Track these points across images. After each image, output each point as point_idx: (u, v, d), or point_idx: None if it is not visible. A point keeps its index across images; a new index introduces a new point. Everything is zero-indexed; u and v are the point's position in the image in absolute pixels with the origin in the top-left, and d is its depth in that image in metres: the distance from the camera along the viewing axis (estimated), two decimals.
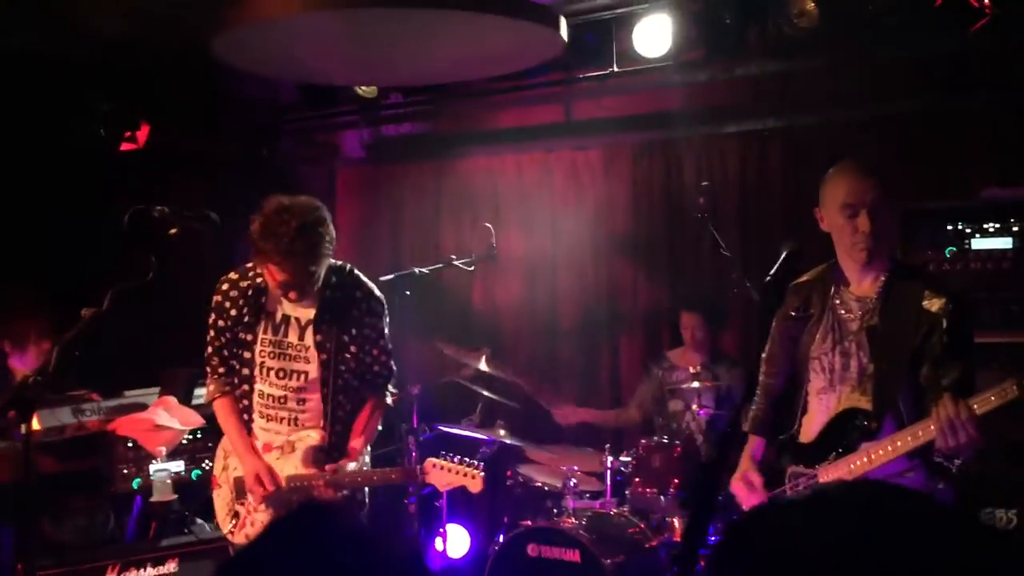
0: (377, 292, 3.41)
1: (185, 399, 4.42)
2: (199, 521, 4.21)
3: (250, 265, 3.32)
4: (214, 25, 3.72)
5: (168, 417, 4.20)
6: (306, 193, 3.26)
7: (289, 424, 3.34)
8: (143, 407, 4.25)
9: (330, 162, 6.62)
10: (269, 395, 3.34)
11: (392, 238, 6.38)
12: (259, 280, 3.29)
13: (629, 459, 4.44)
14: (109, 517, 4.14)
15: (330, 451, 3.32)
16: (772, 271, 2.36)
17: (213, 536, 4.02)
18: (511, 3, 3.81)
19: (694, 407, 4.54)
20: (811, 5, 4.35)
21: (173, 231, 2.95)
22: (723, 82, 5.24)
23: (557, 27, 3.97)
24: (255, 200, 3.16)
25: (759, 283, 2.82)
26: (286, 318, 3.31)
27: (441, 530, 4.74)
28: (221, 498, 3.44)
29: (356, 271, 3.43)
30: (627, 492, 4.40)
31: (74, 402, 4.12)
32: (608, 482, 4.48)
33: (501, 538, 4.37)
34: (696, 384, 4.50)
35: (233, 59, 4.20)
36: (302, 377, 3.31)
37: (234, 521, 3.37)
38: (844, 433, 2.65)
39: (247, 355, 3.34)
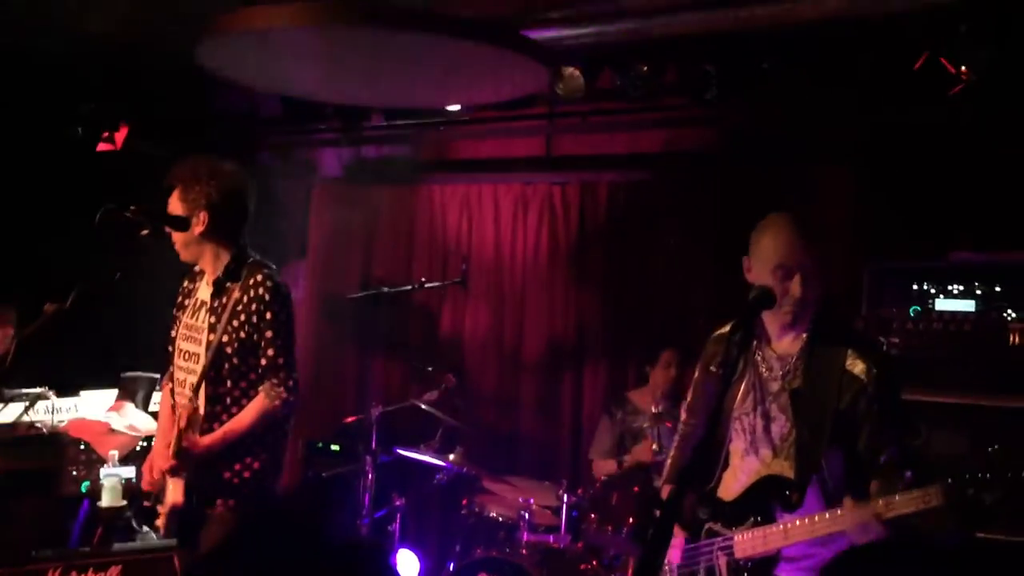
0: (275, 281, 3.30)
1: (143, 405, 4.37)
2: (146, 529, 4.13)
3: None
4: (199, 33, 3.72)
5: (123, 422, 4.16)
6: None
7: (187, 407, 3.30)
8: (99, 410, 4.19)
9: (308, 178, 6.60)
10: (178, 379, 3.39)
11: (364, 258, 6.36)
12: (197, 269, 3.44)
13: (586, 495, 4.43)
14: (56, 519, 4.06)
15: (199, 428, 3.24)
16: (739, 319, 2.34)
17: (160, 545, 3.94)
18: (498, 32, 3.85)
19: (654, 448, 4.54)
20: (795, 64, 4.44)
21: (145, 232, 2.92)
22: (703, 127, 5.32)
23: (543, 60, 4.02)
24: None
25: (728, 327, 2.77)
26: (201, 303, 3.39)
27: (392, 554, 4.69)
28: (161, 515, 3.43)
29: (263, 261, 3.38)
30: (582, 528, 4.39)
31: (27, 399, 4.05)
32: (564, 517, 4.46)
33: (452, 566, 4.34)
34: (656, 425, 4.50)
35: (216, 68, 4.20)
36: (195, 358, 3.33)
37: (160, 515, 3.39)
38: (763, 500, 2.56)
39: (174, 338, 3.44)
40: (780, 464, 2.59)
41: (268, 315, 3.25)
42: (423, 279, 5.13)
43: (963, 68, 3.75)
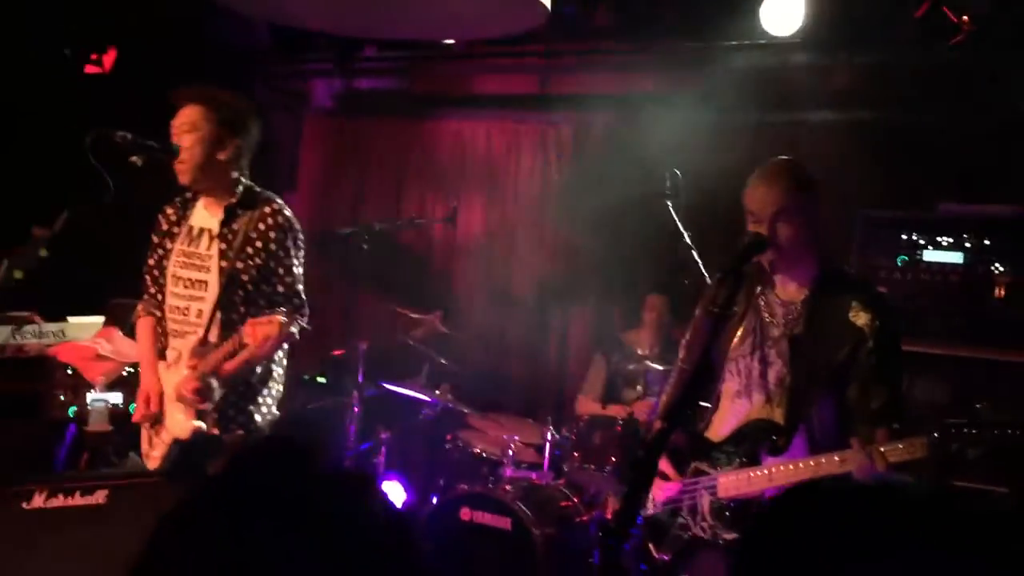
0: (288, 212, 3.29)
1: (130, 332, 4.36)
2: (132, 455, 4.15)
3: None
4: None
5: (111, 348, 4.16)
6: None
7: (188, 337, 3.23)
8: (86, 335, 4.18)
9: (299, 110, 6.53)
10: (175, 307, 3.28)
11: (355, 193, 6.32)
12: (188, 195, 3.35)
13: (569, 434, 4.48)
14: (42, 443, 4.08)
15: (201, 354, 3.16)
16: (732, 259, 2.35)
17: (145, 470, 3.98)
18: None
19: (639, 389, 4.58)
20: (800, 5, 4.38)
21: (134, 158, 2.89)
22: (700, 70, 5.27)
23: None
24: None
25: (717, 271, 2.77)
26: (201, 230, 3.30)
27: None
28: (144, 426, 3.39)
29: (271, 194, 3.35)
30: (564, 466, 4.44)
31: (15, 323, 4.04)
32: (547, 454, 4.52)
33: (435, 499, 4.40)
34: (648, 366, 4.54)
35: None
36: (203, 286, 3.24)
37: (148, 446, 3.33)
38: (751, 443, 2.59)
39: (164, 265, 3.33)
40: (771, 410, 2.60)
41: (287, 243, 3.25)
42: (413, 216, 5.11)
43: (964, 18, 3.70)
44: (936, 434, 2.26)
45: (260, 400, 3.29)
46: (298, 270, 3.31)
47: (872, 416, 2.48)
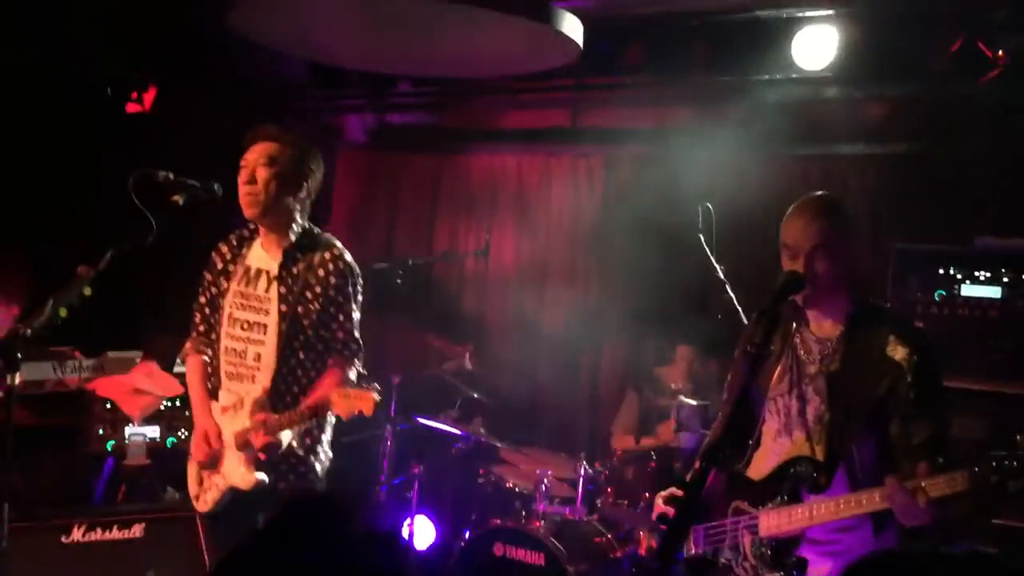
0: (348, 257, 3.27)
1: (167, 366, 4.41)
2: (169, 489, 4.20)
3: (251, 224, 3.33)
4: None
5: (148, 382, 4.20)
6: None
7: (247, 381, 3.19)
8: (125, 370, 4.24)
9: (332, 144, 6.61)
10: (232, 349, 3.23)
11: (387, 226, 6.38)
12: (245, 232, 3.33)
13: (603, 469, 4.46)
14: (81, 476, 4.13)
15: (275, 404, 3.13)
16: (770, 300, 2.34)
17: (182, 505, 4.01)
18: (532, 4, 3.82)
19: (672, 427, 4.54)
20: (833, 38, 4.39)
21: (176, 197, 2.94)
22: (729, 104, 5.29)
23: (575, 32, 3.99)
24: None
25: (752, 309, 2.76)
26: (259, 271, 3.25)
27: (409, 520, 4.75)
28: (193, 465, 3.34)
29: (331, 237, 3.34)
30: (598, 501, 4.42)
31: (56, 357, 4.10)
32: (580, 489, 4.50)
33: (468, 534, 4.39)
34: (678, 402, 4.51)
35: (247, 30, 4.20)
36: (262, 330, 3.19)
37: (199, 488, 3.28)
38: (791, 480, 2.56)
39: (219, 304, 3.28)
40: (811, 447, 2.58)
41: (348, 288, 3.23)
42: (446, 249, 5.14)
43: (1000, 53, 3.70)
44: (976, 468, 2.23)
45: (319, 449, 3.27)
46: (356, 315, 3.28)
47: (914, 451, 2.44)
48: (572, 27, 3.85)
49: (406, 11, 3.82)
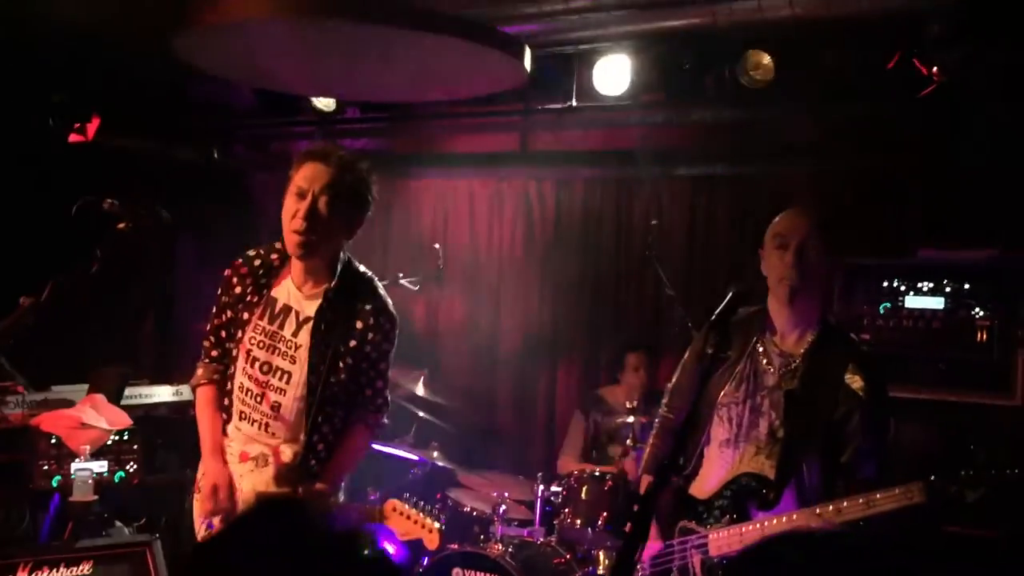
0: (391, 309, 2.95)
1: (115, 398, 4.33)
2: (118, 524, 4.10)
3: (276, 245, 2.99)
4: (175, 24, 3.69)
5: (95, 416, 4.11)
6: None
7: (260, 428, 2.92)
8: (70, 404, 4.15)
9: (283, 171, 6.56)
10: (248, 389, 2.92)
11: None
12: (273, 257, 2.98)
13: (559, 489, 4.45)
14: (25, 514, 4.02)
15: (304, 471, 2.87)
16: (718, 311, 2.36)
17: (131, 540, 3.92)
18: (477, 29, 3.85)
19: (628, 443, 4.56)
20: (767, 59, 4.48)
21: (122, 225, 2.89)
22: (677, 125, 5.36)
23: (521, 57, 4.02)
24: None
25: (702, 322, 2.78)
26: (287, 308, 2.90)
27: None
28: (200, 503, 3.06)
29: (376, 282, 3.01)
30: (555, 522, 4.41)
31: None
32: (537, 511, 4.48)
33: (426, 560, 4.35)
34: (632, 420, 4.53)
35: (193, 59, 4.17)
36: (285, 378, 2.88)
37: (207, 530, 3.02)
38: (739, 498, 2.57)
39: (239, 336, 2.93)
40: (760, 462, 2.59)
41: (386, 346, 2.94)
42: (399, 274, 5.12)
43: (935, 69, 3.79)
44: (933, 478, 2.27)
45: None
46: (389, 371, 3.01)
47: (856, 484, 2.48)
48: (520, 52, 3.88)
49: (351, 37, 3.82)
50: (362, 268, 3.01)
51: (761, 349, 2.68)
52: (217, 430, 2.99)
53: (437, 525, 2.81)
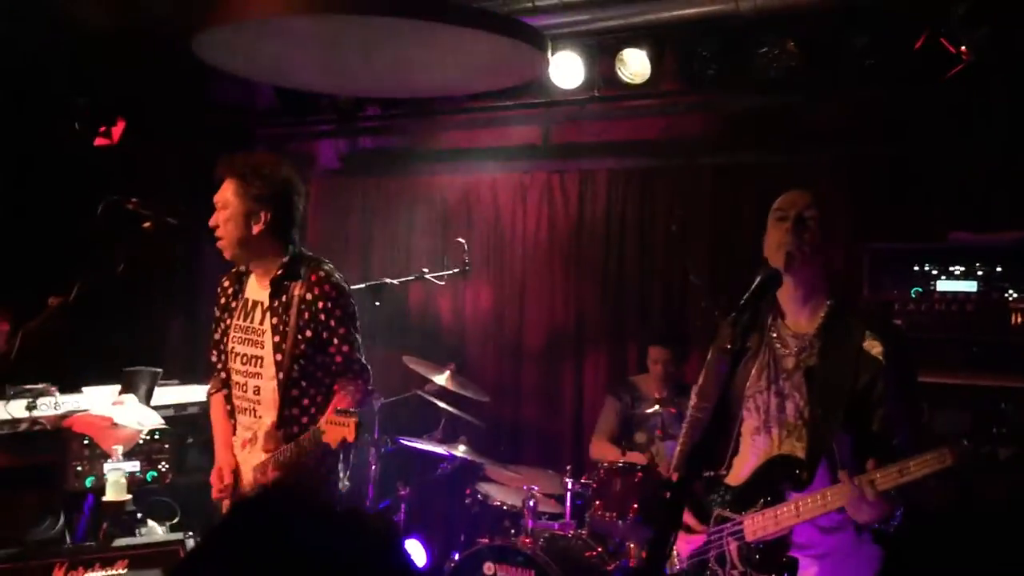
0: (335, 277, 3.18)
1: (145, 399, 4.36)
2: (151, 523, 4.14)
3: None
4: (195, 24, 3.71)
5: (126, 416, 4.14)
6: None
7: (250, 415, 3.22)
8: (102, 405, 4.18)
9: (305, 171, 6.59)
10: (237, 383, 3.25)
11: (363, 249, 6.36)
12: (242, 268, 3.30)
13: (590, 482, 4.43)
14: (60, 514, 4.06)
15: (287, 437, 3.13)
16: (747, 295, 2.33)
17: (164, 539, 3.95)
18: (495, 19, 3.84)
19: (658, 435, 4.53)
20: (791, 45, 4.43)
21: (147, 224, 2.91)
22: (701, 114, 5.33)
23: (541, 46, 4.01)
24: None
25: (730, 309, 2.75)
26: (254, 303, 3.23)
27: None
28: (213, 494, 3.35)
29: (321, 261, 3.25)
30: (586, 515, 4.39)
31: (31, 395, 4.04)
32: (568, 504, 4.47)
33: (457, 555, 4.34)
34: (661, 411, 4.50)
35: (213, 59, 4.19)
36: (258, 363, 3.19)
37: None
38: (773, 480, 2.54)
39: (225, 341, 3.28)
40: (791, 444, 2.57)
41: (337, 311, 3.14)
42: (424, 269, 5.12)
43: (963, 48, 3.73)
44: (966, 441, 2.22)
45: (334, 476, 3.24)
46: (354, 335, 3.20)
47: (892, 452, 2.41)
48: (535, 40, 3.86)
49: (370, 32, 3.82)
50: (308, 254, 3.27)
51: (775, 335, 2.67)
52: (226, 431, 3.32)
53: (354, 419, 2.93)
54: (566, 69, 4.92)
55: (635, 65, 4.84)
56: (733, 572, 2.58)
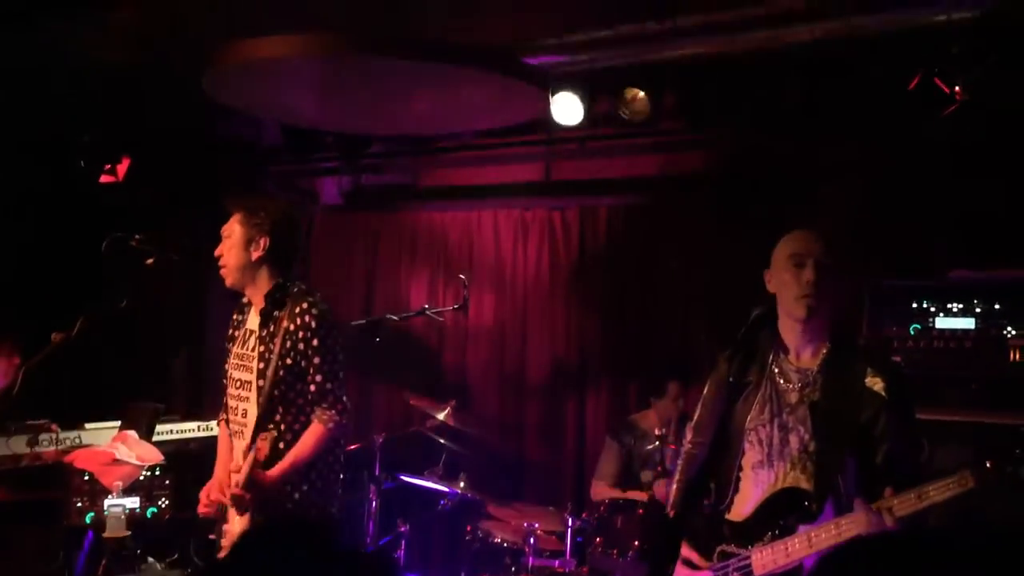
0: (319, 308, 3.35)
1: (146, 435, 4.36)
2: (150, 559, 4.13)
3: None
4: (201, 62, 3.77)
5: (127, 452, 4.15)
6: None
7: (240, 437, 3.40)
8: (103, 441, 4.19)
9: (309, 207, 6.64)
10: (232, 407, 3.46)
11: (365, 285, 6.38)
12: (244, 298, 3.51)
13: (591, 519, 4.42)
14: (60, 550, 4.05)
15: (268, 461, 3.24)
16: (742, 332, 2.35)
17: (163, 575, 3.95)
18: (496, 58, 3.89)
19: (658, 471, 4.52)
20: (791, 84, 4.48)
21: (150, 261, 2.94)
22: (701, 152, 5.37)
23: (542, 85, 4.06)
24: None
25: (727, 343, 2.77)
26: (250, 332, 3.45)
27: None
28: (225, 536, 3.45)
29: (305, 288, 3.44)
30: (588, 552, 4.37)
31: (32, 431, 4.06)
32: (568, 541, 4.45)
33: None
34: (661, 447, 4.50)
35: (219, 95, 4.25)
36: (247, 387, 3.40)
37: (221, 541, 3.42)
38: (780, 513, 2.55)
39: (227, 369, 3.50)
40: (796, 476, 2.58)
41: (315, 342, 3.31)
42: (425, 305, 5.14)
43: (956, 88, 3.78)
44: (988, 463, 2.23)
45: (298, 496, 3.33)
46: (330, 367, 3.35)
47: (885, 476, 2.45)
48: (536, 79, 3.91)
49: (375, 71, 3.88)
50: (300, 287, 3.46)
51: (777, 370, 2.70)
52: (226, 452, 3.51)
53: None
54: (567, 107, 4.98)
55: (635, 104, 4.89)
56: None
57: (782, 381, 2.67)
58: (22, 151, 4.97)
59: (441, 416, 4.84)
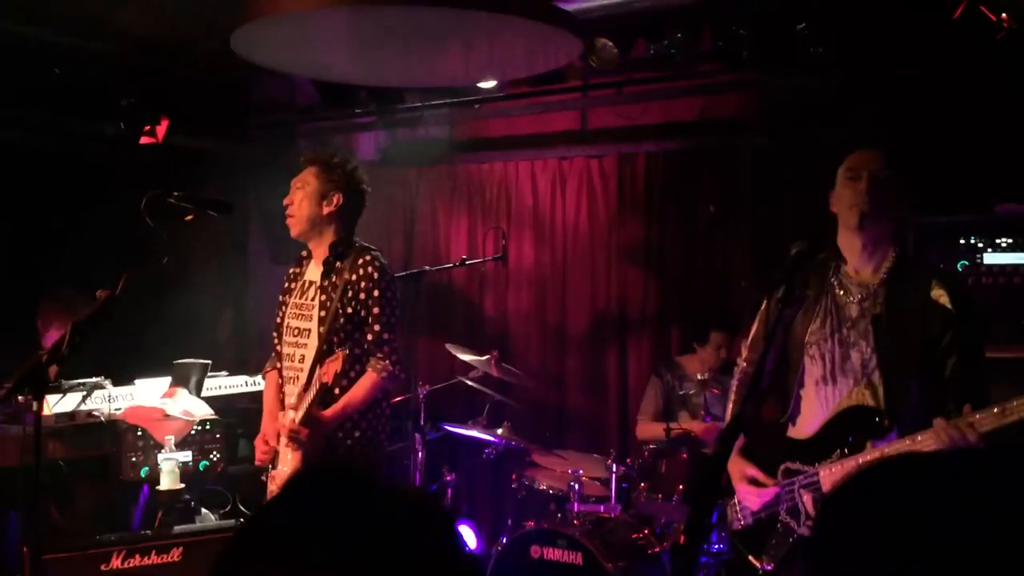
0: (379, 262, 3.50)
1: (196, 390, 4.45)
2: (204, 511, 4.23)
3: None
4: (234, 21, 3.76)
5: (178, 407, 4.24)
6: None
7: (294, 384, 3.49)
8: (154, 397, 4.28)
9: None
10: (287, 355, 3.56)
11: (404, 240, 6.40)
12: (305, 251, 3.66)
13: (635, 464, 4.43)
14: (116, 504, 4.16)
15: (323, 403, 3.38)
16: (784, 269, 2.33)
17: (218, 526, 4.04)
18: (530, 4, 3.83)
19: (701, 415, 4.53)
20: (830, 24, 4.37)
21: (189, 217, 2.96)
22: (739, 94, 5.27)
23: (575, 30, 4.00)
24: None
25: (768, 283, 2.75)
26: (310, 283, 3.57)
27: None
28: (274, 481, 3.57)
29: (368, 247, 3.58)
30: (632, 497, 4.40)
31: (85, 389, 4.15)
32: (613, 487, 4.47)
33: (504, 539, 4.38)
34: (704, 391, 4.49)
35: (250, 54, 4.24)
36: (307, 334, 3.51)
37: (274, 486, 3.53)
38: (849, 431, 2.52)
39: (282, 320, 3.62)
40: (861, 392, 2.56)
41: (376, 292, 3.45)
42: (463, 256, 5.15)
43: (1003, 15, 3.66)
44: None
45: (349, 441, 3.46)
46: (388, 318, 3.48)
47: (960, 391, 2.43)
48: (570, 24, 3.85)
49: (407, 21, 3.84)
50: (361, 243, 3.60)
51: (836, 283, 2.68)
52: (274, 402, 3.61)
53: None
54: (601, 53, 4.90)
55: (604, 52, 4.80)
56: (808, 524, 2.56)
57: (842, 293, 2.66)
58: (63, 116, 5.03)
59: (483, 366, 4.86)
